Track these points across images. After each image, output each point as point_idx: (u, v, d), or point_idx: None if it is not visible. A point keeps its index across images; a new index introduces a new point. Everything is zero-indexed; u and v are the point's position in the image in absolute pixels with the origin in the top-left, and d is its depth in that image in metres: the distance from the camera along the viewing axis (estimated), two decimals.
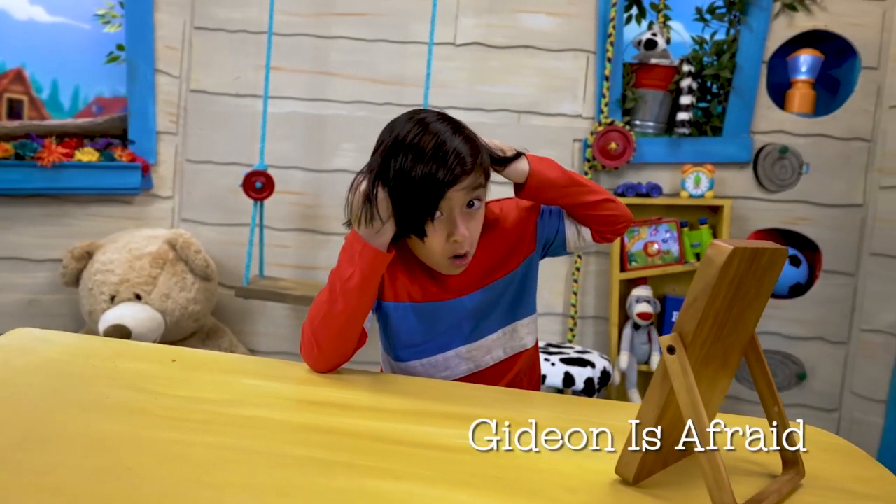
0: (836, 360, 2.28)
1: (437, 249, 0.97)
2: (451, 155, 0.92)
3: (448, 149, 0.92)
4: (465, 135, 0.95)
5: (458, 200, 0.95)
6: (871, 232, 2.23)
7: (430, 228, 0.95)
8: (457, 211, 0.95)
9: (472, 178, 0.94)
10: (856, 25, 2.20)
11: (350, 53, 2.33)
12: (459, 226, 0.95)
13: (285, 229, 2.38)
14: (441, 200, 0.92)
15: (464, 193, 0.94)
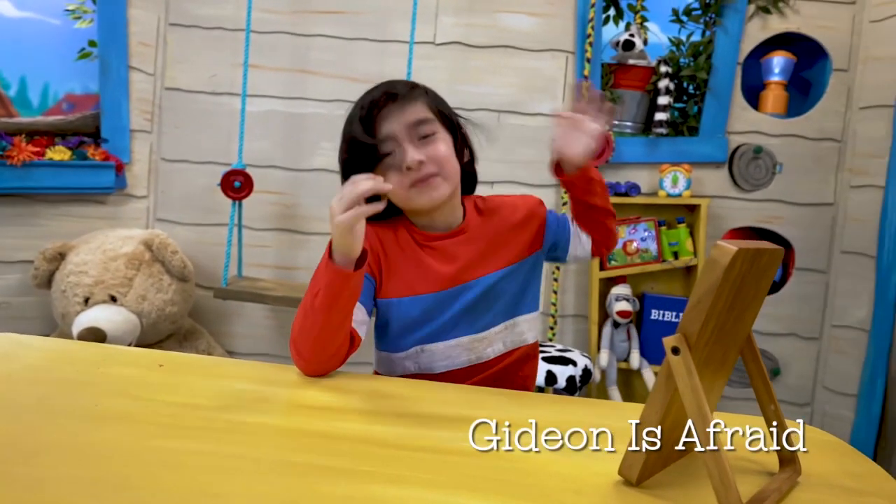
0: (809, 355, 2.34)
1: (399, 186, 0.99)
2: (382, 88, 1.02)
3: (380, 86, 1.03)
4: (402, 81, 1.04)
5: (402, 132, 0.99)
6: (842, 230, 2.29)
7: (385, 168, 0.99)
8: (406, 143, 0.98)
9: (411, 109, 0.99)
10: (827, 28, 2.25)
11: (329, 52, 2.31)
12: (408, 151, 0.98)
13: (264, 229, 2.35)
14: (379, 134, 0.98)
15: (402, 122, 0.99)
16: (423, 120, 1.00)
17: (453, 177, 1.03)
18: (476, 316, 1.06)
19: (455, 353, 1.06)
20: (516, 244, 1.09)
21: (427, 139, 1.00)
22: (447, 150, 1.02)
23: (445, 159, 1.01)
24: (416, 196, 1.01)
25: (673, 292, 2.32)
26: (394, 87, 1.02)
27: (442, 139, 1.02)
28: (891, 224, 2.13)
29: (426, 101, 1.03)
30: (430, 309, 1.04)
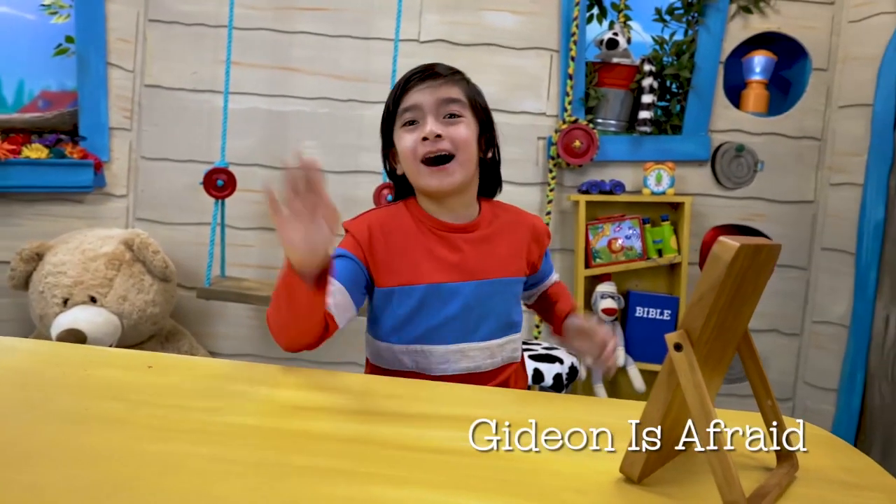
0: (790, 351, 2.37)
1: (408, 149, 1.01)
2: (423, 66, 1.04)
3: (422, 65, 1.05)
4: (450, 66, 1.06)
5: (430, 106, 1.00)
6: (822, 227, 2.32)
7: (405, 132, 1.02)
8: (430, 116, 1.00)
9: (444, 87, 1.01)
10: (807, 28, 2.28)
11: (312, 49, 2.29)
12: (429, 123, 0.99)
13: (247, 228, 2.32)
14: (409, 102, 1.01)
15: (433, 98, 1.00)
16: (453, 99, 1.02)
17: (468, 164, 1.02)
18: (478, 320, 1.05)
19: (455, 357, 1.04)
20: (524, 258, 1.11)
21: (452, 119, 1.01)
22: (468, 134, 1.02)
23: (464, 143, 1.01)
24: (426, 175, 1.01)
25: (657, 290, 2.34)
26: (437, 66, 1.05)
27: (465, 123, 1.02)
28: (869, 221, 2.17)
29: (463, 86, 1.05)
30: (434, 298, 1.03)
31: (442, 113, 1.01)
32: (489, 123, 1.08)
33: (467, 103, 1.03)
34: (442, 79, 1.02)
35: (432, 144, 0.99)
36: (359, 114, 2.30)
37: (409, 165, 1.03)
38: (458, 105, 1.02)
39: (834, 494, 0.69)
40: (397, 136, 1.04)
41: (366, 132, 2.30)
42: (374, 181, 2.27)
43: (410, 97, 1.01)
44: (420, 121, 1.01)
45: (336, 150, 2.30)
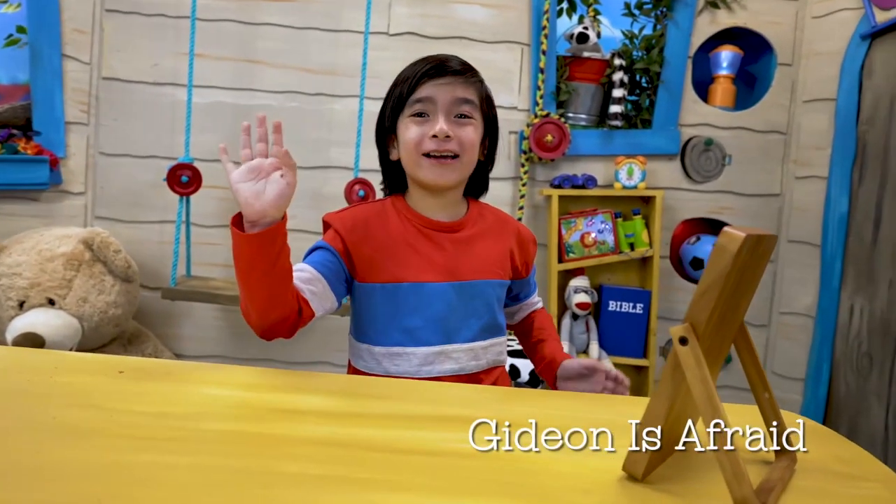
0: (758, 342, 2.40)
1: (413, 141, 0.99)
2: (438, 58, 1.02)
3: (440, 56, 1.03)
4: (466, 62, 1.04)
5: (443, 102, 0.99)
6: (788, 220, 2.36)
7: (412, 122, 0.99)
8: (441, 113, 0.98)
9: (460, 86, 0.99)
10: (772, 23, 2.31)
11: (279, 41, 2.23)
12: (440, 121, 0.98)
13: (213, 226, 2.25)
14: (422, 93, 0.98)
15: (448, 96, 0.99)
16: (467, 100, 1.01)
17: (468, 167, 1.04)
18: (462, 320, 1.03)
19: (438, 359, 1.02)
20: (507, 262, 1.10)
21: (462, 119, 1.01)
22: (475, 138, 1.02)
23: (470, 146, 1.01)
24: (426, 167, 1.00)
25: (630, 283, 2.34)
26: (454, 61, 1.03)
27: (474, 126, 1.02)
28: (834, 214, 2.21)
29: (477, 87, 1.03)
30: (416, 297, 1.01)
31: (454, 112, 1.00)
32: (494, 126, 1.08)
33: (479, 105, 1.03)
34: (460, 77, 1.00)
35: (439, 143, 0.99)
36: (328, 108, 2.25)
37: (409, 155, 1.02)
38: (471, 106, 1.01)
39: (833, 486, 0.69)
40: (403, 125, 1.02)
41: (335, 127, 2.25)
42: (344, 177, 2.22)
43: (425, 89, 0.99)
44: (431, 115, 1.00)
45: (305, 144, 2.25)
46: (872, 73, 2.13)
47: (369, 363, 1.05)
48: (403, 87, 1.01)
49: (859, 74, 2.15)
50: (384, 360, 1.03)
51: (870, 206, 2.13)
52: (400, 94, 1.02)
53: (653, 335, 2.24)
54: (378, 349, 1.03)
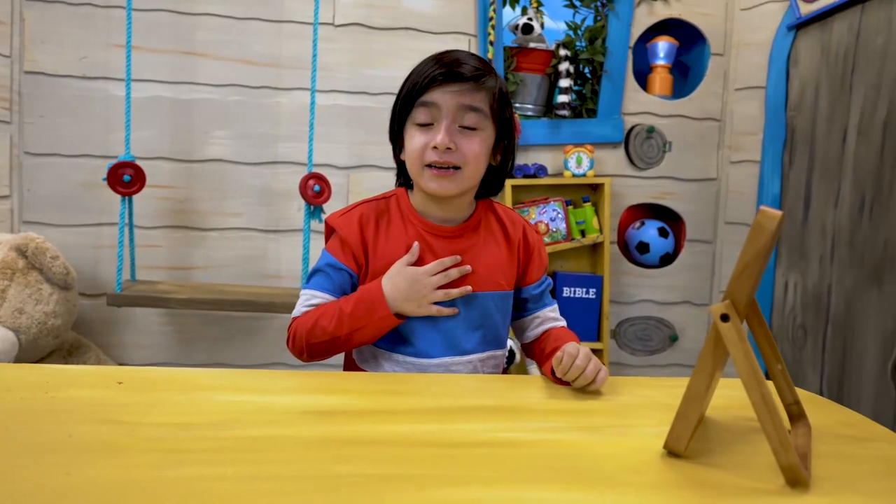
0: (701, 320, 2.51)
1: (415, 151, 0.96)
2: (451, 59, 0.96)
3: (452, 56, 0.97)
4: (482, 61, 0.98)
5: (448, 109, 0.94)
6: (725, 203, 2.47)
7: (416, 130, 0.96)
8: (446, 122, 0.94)
9: (468, 93, 0.94)
10: (704, 15, 2.41)
11: (218, 32, 2.14)
12: (442, 132, 0.94)
13: (154, 227, 2.14)
14: (427, 98, 0.94)
15: (454, 103, 0.94)
16: (475, 108, 0.95)
17: (471, 178, 0.99)
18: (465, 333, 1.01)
19: (438, 371, 1.01)
20: (513, 271, 1.06)
21: (468, 130, 0.96)
22: (481, 150, 0.97)
23: (474, 158, 0.97)
24: (428, 178, 0.97)
25: (582, 269, 2.40)
26: (464, 65, 0.95)
27: (482, 137, 0.97)
28: (766, 195, 2.34)
29: (488, 92, 0.97)
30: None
31: (459, 120, 0.95)
32: (509, 129, 1.02)
33: (488, 113, 0.97)
34: (468, 84, 0.94)
35: (441, 155, 0.95)
36: (273, 101, 2.18)
37: (412, 164, 0.98)
38: (478, 116, 0.96)
39: (848, 448, 0.73)
40: (408, 132, 0.99)
41: (283, 121, 2.18)
42: (295, 171, 2.16)
43: (431, 94, 0.94)
44: (435, 123, 0.95)
45: (251, 140, 2.17)
46: (798, 62, 2.26)
47: (370, 363, 1.04)
48: (412, 88, 0.97)
49: (786, 63, 2.28)
50: (385, 363, 1.02)
51: (800, 187, 2.26)
52: (407, 96, 0.97)
53: (605, 319, 2.31)
54: (381, 352, 1.02)
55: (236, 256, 2.19)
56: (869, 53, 2.06)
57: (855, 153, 2.11)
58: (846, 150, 2.14)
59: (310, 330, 0.97)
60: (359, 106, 2.22)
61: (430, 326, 1.00)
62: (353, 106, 2.22)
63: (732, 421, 0.77)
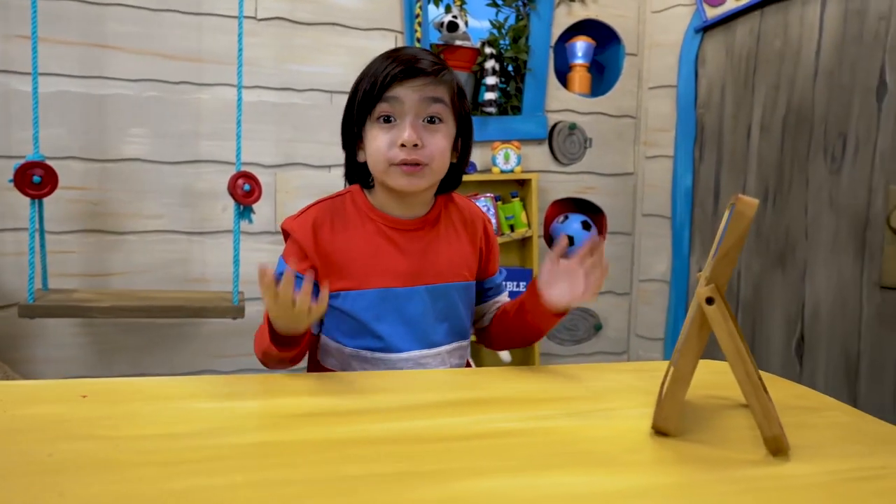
0: (623, 309, 2.63)
1: (380, 151, 0.95)
2: (408, 56, 0.95)
3: (408, 52, 0.97)
4: (436, 56, 0.98)
5: (411, 104, 0.94)
6: (642, 196, 2.60)
7: (379, 130, 0.95)
8: (409, 118, 0.94)
9: (430, 86, 0.94)
10: (619, 16, 2.52)
11: (132, 24, 2.02)
12: (407, 129, 0.94)
13: (66, 232, 1.99)
14: (389, 94, 0.93)
15: (417, 96, 0.94)
16: (437, 99, 0.95)
17: (439, 173, 0.99)
18: (431, 325, 1.02)
19: (407, 366, 1.01)
20: (474, 261, 1.07)
21: (432, 124, 0.96)
22: (445, 144, 0.97)
23: (440, 153, 0.97)
24: (395, 176, 0.96)
25: (511, 263, 2.45)
26: (422, 60, 0.95)
27: (445, 131, 0.97)
28: (679, 188, 2.47)
29: (448, 85, 0.97)
30: (384, 305, 0.99)
31: (423, 114, 0.95)
32: (467, 124, 1.03)
33: (450, 105, 0.97)
34: (429, 78, 0.94)
35: (409, 153, 0.94)
36: (194, 98, 2.08)
37: (378, 165, 0.97)
38: (441, 106, 0.96)
39: (809, 418, 0.79)
40: (370, 131, 0.97)
41: (204, 118, 2.09)
42: (218, 171, 2.08)
43: (392, 90, 0.94)
44: (398, 119, 0.95)
45: (171, 138, 2.07)
46: (706, 63, 2.41)
47: (333, 362, 1.03)
48: (371, 87, 0.95)
49: (695, 63, 2.42)
50: (353, 361, 1.00)
51: (710, 180, 2.41)
52: (366, 95, 0.95)
53: None
54: (349, 350, 1.01)
55: (158, 260, 2.08)
56: (768, 55, 2.23)
57: (758, 148, 2.27)
58: (751, 145, 2.30)
59: (257, 343, 0.98)
60: (285, 102, 2.16)
61: (397, 320, 0.99)
62: (279, 103, 2.16)
63: (704, 400, 0.81)
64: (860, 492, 0.58)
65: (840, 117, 2.04)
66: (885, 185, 1.92)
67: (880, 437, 0.72)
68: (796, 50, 2.15)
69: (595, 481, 0.58)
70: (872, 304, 1.94)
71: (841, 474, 0.61)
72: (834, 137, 2.06)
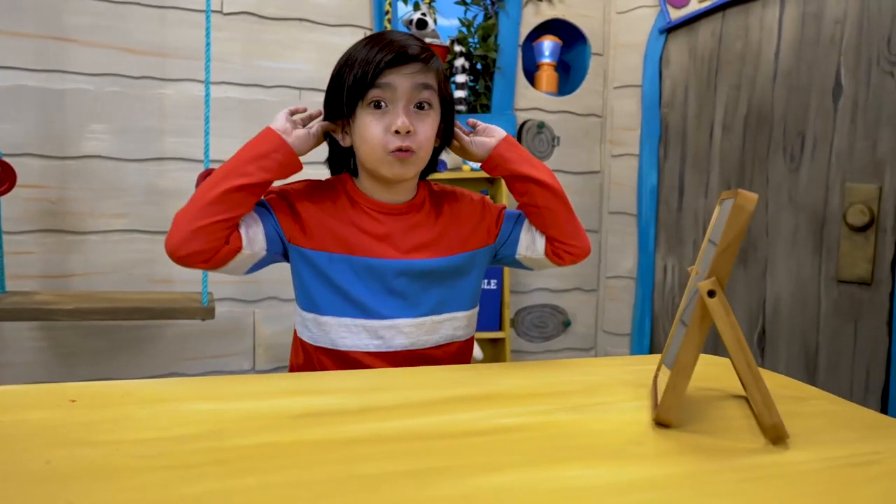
0: (591, 305, 2.67)
1: (375, 138, 0.96)
2: (397, 42, 0.96)
3: (395, 37, 0.97)
4: (420, 40, 0.99)
5: (403, 90, 0.96)
6: (608, 194, 2.64)
7: (371, 117, 0.96)
8: (401, 104, 0.96)
9: (420, 73, 0.96)
10: (585, 16, 2.55)
11: (92, 16, 1.95)
12: (401, 116, 0.95)
13: (24, 231, 1.92)
14: (381, 80, 0.94)
15: (409, 83, 0.96)
16: (427, 85, 0.97)
17: (425, 160, 1.02)
18: (416, 299, 1.03)
19: (389, 334, 1.02)
20: (468, 234, 1.08)
21: (421, 111, 0.98)
22: (432, 132, 1.00)
23: (427, 140, 0.99)
24: (388, 163, 0.97)
25: None
26: (410, 46, 0.96)
27: (433, 117, 1.00)
28: (646, 186, 2.52)
29: (435, 71, 0.99)
30: (367, 274, 1.00)
31: (414, 100, 0.97)
32: (450, 109, 1.05)
33: (437, 91, 1.00)
34: (419, 64, 0.97)
35: (402, 140, 0.96)
36: (158, 93, 2.03)
37: (373, 152, 0.98)
38: (430, 92, 0.98)
39: (796, 407, 0.81)
40: (361, 118, 0.98)
41: (169, 114, 2.04)
42: (184, 168, 2.03)
43: (385, 77, 0.95)
44: (390, 105, 0.96)
45: (134, 134, 2.01)
46: (669, 63, 2.46)
47: (315, 334, 1.03)
48: (363, 74, 0.95)
49: (659, 64, 2.47)
50: (332, 331, 1.01)
51: (674, 178, 2.46)
52: (357, 81, 0.95)
53: (506, 308, 2.38)
54: (326, 318, 1.01)
55: (121, 261, 2.02)
56: (730, 56, 2.29)
57: (721, 147, 2.33)
58: (713, 144, 2.36)
59: (194, 198, 0.94)
60: (252, 99, 2.12)
61: (381, 290, 1.01)
62: (246, 99, 2.12)
63: (698, 392, 0.83)
64: (859, 476, 0.59)
65: (798, 117, 2.11)
66: (841, 183, 1.99)
67: (867, 423, 0.75)
68: (756, 52, 2.21)
69: (607, 473, 0.58)
70: (830, 298, 2.01)
71: (838, 460, 0.63)
72: (793, 137, 2.13)
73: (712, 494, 0.55)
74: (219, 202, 0.91)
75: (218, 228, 0.91)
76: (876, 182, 1.91)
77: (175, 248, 0.91)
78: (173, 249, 0.92)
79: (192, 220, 0.90)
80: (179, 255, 0.91)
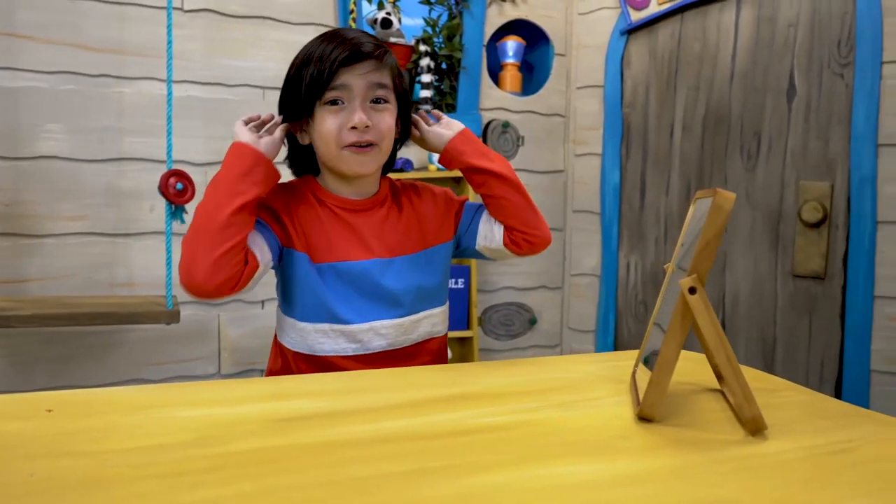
0: (556, 303, 2.70)
1: (331, 134, 0.97)
2: (351, 40, 0.97)
3: (349, 35, 0.98)
4: (374, 37, 1.00)
5: (359, 88, 0.97)
6: (572, 193, 2.67)
7: (328, 114, 0.97)
8: (358, 101, 0.97)
9: (375, 71, 0.98)
10: (547, 17, 2.58)
11: (45, 12, 1.89)
12: (358, 112, 0.96)
13: None
14: (337, 81, 0.95)
15: (364, 81, 0.97)
16: (382, 84, 0.98)
17: (386, 154, 1.03)
18: (392, 299, 1.03)
19: (367, 337, 1.02)
20: (434, 229, 1.09)
21: (378, 105, 0.99)
22: (391, 123, 1.01)
23: (388, 132, 1.00)
24: (348, 159, 0.98)
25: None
26: (364, 44, 0.97)
27: (390, 111, 1.01)
28: (608, 184, 2.56)
29: (390, 69, 1.00)
30: (342, 278, 1.01)
31: (370, 97, 0.98)
32: (405, 102, 1.06)
33: (392, 87, 1.01)
34: (373, 62, 0.98)
35: (360, 135, 0.97)
36: (116, 91, 1.97)
37: (329, 148, 0.99)
38: (386, 90, 1.00)
39: (769, 399, 0.84)
40: (319, 115, 0.98)
41: (127, 113, 1.98)
42: (145, 169, 1.98)
43: (340, 77, 0.96)
44: (347, 103, 0.97)
45: (91, 134, 1.95)
46: (630, 64, 2.51)
47: (294, 339, 1.03)
48: (318, 74, 0.95)
49: (620, 64, 2.52)
50: (309, 337, 1.01)
51: (636, 177, 2.51)
52: (313, 80, 0.96)
53: (474, 307, 2.39)
54: (303, 325, 1.01)
55: (79, 265, 1.96)
56: (689, 58, 2.34)
57: (681, 146, 2.38)
58: (673, 143, 2.41)
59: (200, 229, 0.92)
60: (214, 98, 2.09)
61: (354, 293, 1.01)
62: (208, 98, 2.08)
63: (676, 387, 0.85)
64: (838, 464, 0.62)
65: (754, 118, 2.17)
66: (795, 181, 2.06)
67: (838, 412, 0.78)
68: (714, 53, 2.28)
69: (596, 468, 0.60)
70: (786, 292, 2.08)
71: (816, 449, 0.65)
72: (749, 136, 2.19)
73: (701, 485, 0.56)
74: (228, 226, 0.90)
75: (236, 252, 0.91)
76: (828, 180, 1.99)
77: (202, 283, 0.88)
78: (201, 284, 0.88)
79: (210, 251, 0.88)
80: (208, 289, 0.89)
